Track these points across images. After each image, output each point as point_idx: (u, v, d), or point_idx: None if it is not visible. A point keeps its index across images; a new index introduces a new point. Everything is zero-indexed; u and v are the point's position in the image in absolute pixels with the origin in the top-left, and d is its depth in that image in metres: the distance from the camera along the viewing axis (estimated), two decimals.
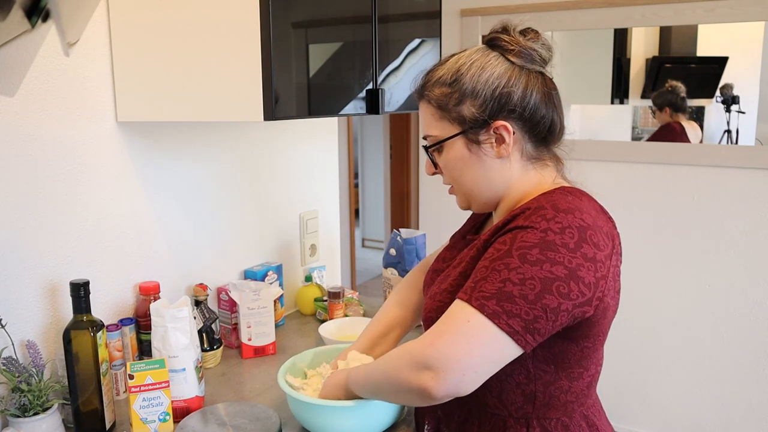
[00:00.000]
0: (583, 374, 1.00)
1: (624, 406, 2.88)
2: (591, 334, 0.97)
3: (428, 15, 1.64)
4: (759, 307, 2.56)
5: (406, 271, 1.81)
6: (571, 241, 0.89)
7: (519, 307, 0.88)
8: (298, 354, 1.31)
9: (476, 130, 1.00)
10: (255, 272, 1.75)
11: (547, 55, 1.02)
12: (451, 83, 1.01)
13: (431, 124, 1.04)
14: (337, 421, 1.13)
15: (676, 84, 2.63)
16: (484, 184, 1.03)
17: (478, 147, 1.01)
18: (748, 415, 2.64)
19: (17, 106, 1.24)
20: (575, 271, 0.89)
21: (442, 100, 1.02)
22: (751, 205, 2.53)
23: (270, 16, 1.16)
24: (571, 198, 0.96)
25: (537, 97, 0.99)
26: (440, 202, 3.25)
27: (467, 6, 2.99)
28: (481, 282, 0.91)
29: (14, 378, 1.14)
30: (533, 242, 0.90)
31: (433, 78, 1.04)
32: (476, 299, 0.90)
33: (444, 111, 1.02)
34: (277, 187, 1.88)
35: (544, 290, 0.88)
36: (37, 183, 1.28)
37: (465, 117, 1.00)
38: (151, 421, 1.17)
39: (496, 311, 0.88)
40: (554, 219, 0.91)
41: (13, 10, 0.77)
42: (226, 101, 1.24)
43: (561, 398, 0.99)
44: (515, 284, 0.88)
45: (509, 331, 0.88)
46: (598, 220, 0.95)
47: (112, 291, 1.45)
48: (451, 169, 1.04)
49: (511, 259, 0.90)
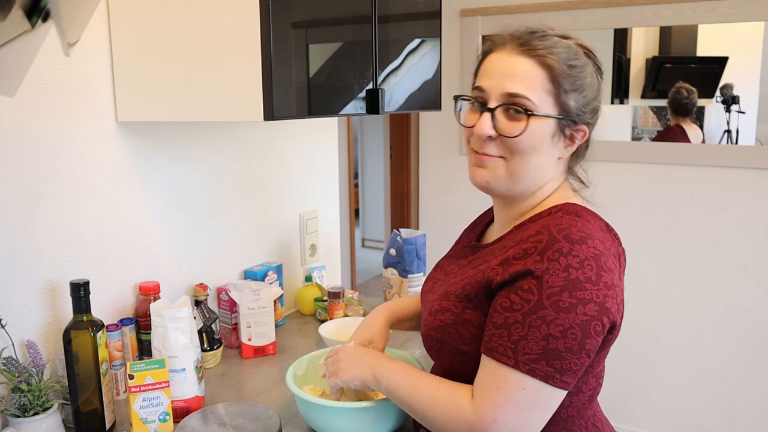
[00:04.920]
0: (582, 388, 1.00)
1: (624, 407, 2.88)
2: (600, 351, 0.97)
3: (428, 15, 1.64)
4: (759, 307, 2.56)
5: (406, 271, 1.81)
6: (592, 274, 0.89)
7: (568, 362, 0.88)
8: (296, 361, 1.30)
9: (568, 123, 0.98)
10: (255, 272, 1.75)
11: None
12: (572, 67, 0.96)
13: (534, 89, 0.94)
14: (351, 423, 1.13)
15: (682, 86, 2.62)
16: (537, 173, 1.00)
17: (558, 139, 0.98)
18: (748, 415, 2.64)
19: (17, 106, 1.24)
20: (603, 304, 0.89)
21: (562, 77, 0.95)
22: (751, 205, 2.53)
23: (270, 16, 1.16)
24: (581, 224, 0.94)
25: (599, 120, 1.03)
26: (440, 202, 3.25)
27: (467, 6, 2.99)
28: (522, 342, 0.89)
29: (14, 378, 1.14)
30: (560, 285, 0.88)
31: (547, 46, 0.96)
32: (524, 363, 0.88)
33: (556, 87, 0.95)
34: (277, 187, 1.88)
35: (585, 336, 0.88)
36: (37, 183, 1.28)
37: (569, 107, 0.97)
38: (151, 421, 1.17)
39: (548, 372, 0.88)
40: (571, 253, 0.89)
41: (13, 10, 0.77)
42: (226, 101, 1.24)
43: (562, 414, 0.99)
44: (558, 339, 0.87)
45: (564, 386, 0.90)
46: (606, 243, 0.94)
47: (112, 291, 1.45)
48: (523, 143, 0.96)
49: (545, 311, 0.88)
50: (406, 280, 1.81)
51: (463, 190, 3.16)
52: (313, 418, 1.16)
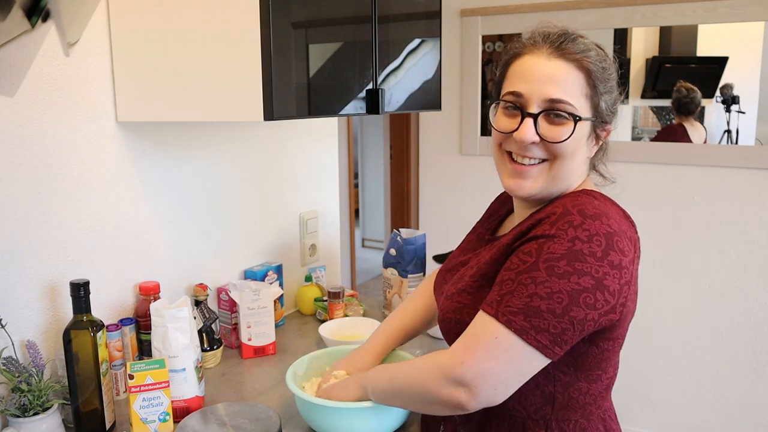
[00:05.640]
0: (601, 376, 1.00)
1: (624, 407, 2.88)
2: (611, 336, 0.97)
3: (428, 15, 1.64)
4: (759, 307, 2.56)
5: (406, 271, 1.80)
6: (599, 250, 0.89)
7: (547, 322, 0.88)
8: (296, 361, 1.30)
9: (598, 123, 1.00)
10: (255, 272, 1.75)
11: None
12: (604, 69, 0.98)
13: (575, 94, 0.95)
14: (352, 423, 1.13)
15: (684, 86, 2.62)
16: (573, 173, 1.01)
17: (591, 139, 1.01)
18: (749, 416, 2.64)
19: (17, 106, 1.24)
20: (601, 281, 0.89)
21: (597, 80, 0.96)
22: (751, 205, 2.53)
23: (270, 16, 1.16)
24: (597, 203, 0.95)
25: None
26: (440, 202, 3.25)
27: (467, 6, 2.99)
28: (508, 296, 0.90)
29: (14, 378, 1.14)
30: (561, 253, 0.89)
31: (582, 50, 0.96)
32: (503, 314, 0.90)
33: (593, 90, 0.96)
34: (277, 187, 1.88)
35: (572, 303, 0.88)
36: (37, 183, 1.28)
37: (600, 108, 0.98)
38: (151, 421, 1.17)
39: (524, 327, 0.88)
40: (581, 226, 0.90)
41: (13, 10, 0.77)
42: (226, 101, 1.23)
43: (580, 400, 0.99)
44: (542, 299, 0.88)
45: (537, 345, 0.89)
46: (623, 225, 0.95)
47: (112, 291, 1.45)
48: (568, 147, 0.96)
49: (538, 273, 0.89)
50: (406, 280, 1.81)
51: (463, 190, 3.16)
52: (313, 418, 1.16)
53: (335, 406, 1.11)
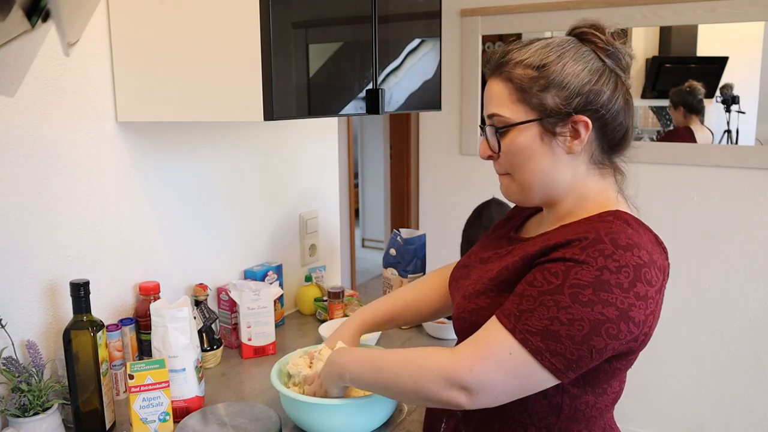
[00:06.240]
0: (607, 390, 1.00)
1: (624, 407, 2.88)
2: (627, 358, 0.97)
3: (428, 15, 1.64)
4: (759, 307, 2.56)
5: (406, 271, 1.81)
6: (626, 281, 0.87)
7: (564, 347, 0.87)
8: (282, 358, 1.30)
9: (554, 121, 0.96)
10: (255, 272, 1.75)
11: (630, 63, 1.00)
12: (539, 67, 0.96)
13: (504, 104, 0.98)
14: (330, 419, 1.13)
15: (696, 85, 2.62)
16: (546, 178, 0.99)
17: (552, 138, 0.97)
18: (748, 416, 2.64)
19: (17, 106, 1.24)
20: (627, 312, 0.87)
21: (526, 83, 0.97)
22: (751, 205, 2.53)
23: (270, 16, 1.16)
24: (630, 231, 0.92)
25: (620, 103, 0.98)
26: (440, 202, 3.25)
27: (467, 6, 2.99)
28: (527, 314, 0.89)
29: (14, 378, 1.14)
30: (587, 281, 0.87)
31: (517, 58, 0.98)
32: (520, 332, 0.89)
33: (524, 94, 0.97)
34: (277, 187, 1.88)
35: (593, 332, 0.87)
36: (37, 183, 1.28)
37: (547, 105, 0.96)
38: (151, 421, 1.17)
39: (539, 348, 0.88)
40: (612, 256, 0.88)
41: (13, 10, 0.77)
42: (226, 101, 1.24)
43: (586, 413, 0.99)
44: (563, 324, 0.87)
45: (551, 368, 0.88)
46: (654, 255, 0.92)
47: (112, 291, 1.45)
48: (515, 156, 0.99)
49: (562, 297, 0.88)
50: (406, 280, 1.81)
51: (463, 190, 3.16)
52: (296, 414, 1.16)
53: (316, 403, 1.11)
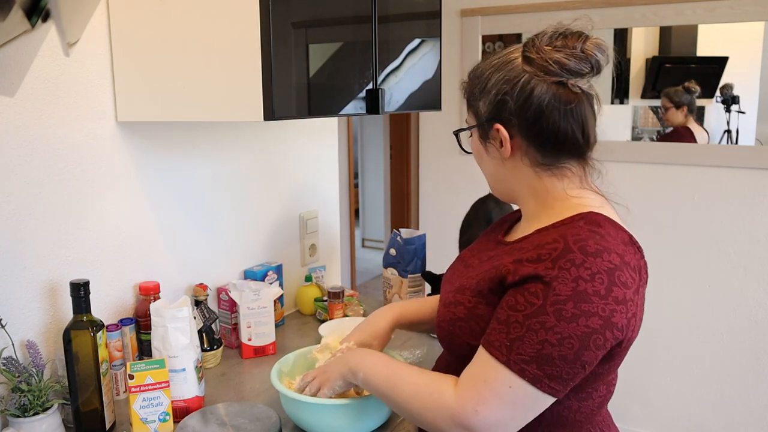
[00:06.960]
0: (592, 394, 1.00)
1: (624, 407, 2.88)
2: (610, 363, 0.97)
3: (428, 15, 1.64)
4: (759, 307, 2.56)
5: (406, 271, 1.81)
6: (602, 288, 0.89)
7: (559, 369, 0.88)
8: (283, 358, 1.30)
9: (484, 127, 1.03)
10: (255, 272, 1.75)
11: (578, 67, 0.98)
12: (477, 76, 1.04)
13: (467, 110, 1.10)
14: (330, 419, 1.13)
15: (692, 86, 2.62)
16: (498, 178, 1.07)
17: (487, 143, 1.04)
18: (749, 416, 2.64)
19: (17, 106, 1.24)
20: (609, 319, 0.89)
21: (467, 91, 1.07)
22: (751, 205, 2.53)
23: (270, 16, 1.16)
24: (598, 237, 0.93)
25: (544, 108, 0.97)
26: (440, 202, 3.25)
27: (467, 6, 2.99)
28: (518, 342, 0.90)
29: (14, 378, 1.15)
30: (566, 294, 0.88)
31: (473, 68, 1.07)
32: (515, 363, 0.89)
33: (468, 101, 1.07)
34: (277, 187, 1.88)
35: (582, 347, 0.88)
36: (37, 183, 1.28)
37: (479, 112, 1.04)
38: (151, 421, 1.17)
39: (537, 376, 0.89)
40: (583, 265, 0.89)
41: (13, 10, 0.77)
42: (226, 101, 1.24)
43: (569, 418, 0.99)
44: (553, 345, 0.88)
45: (551, 392, 0.90)
46: (625, 256, 0.93)
47: (112, 291, 1.45)
48: (474, 157, 1.11)
49: (546, 317, 0.88)
50: (406, 280, 1.81)
51: (463, 190, 3.16)
52: (296, 414, 1.16)
53: (315, 403, 1.11)
